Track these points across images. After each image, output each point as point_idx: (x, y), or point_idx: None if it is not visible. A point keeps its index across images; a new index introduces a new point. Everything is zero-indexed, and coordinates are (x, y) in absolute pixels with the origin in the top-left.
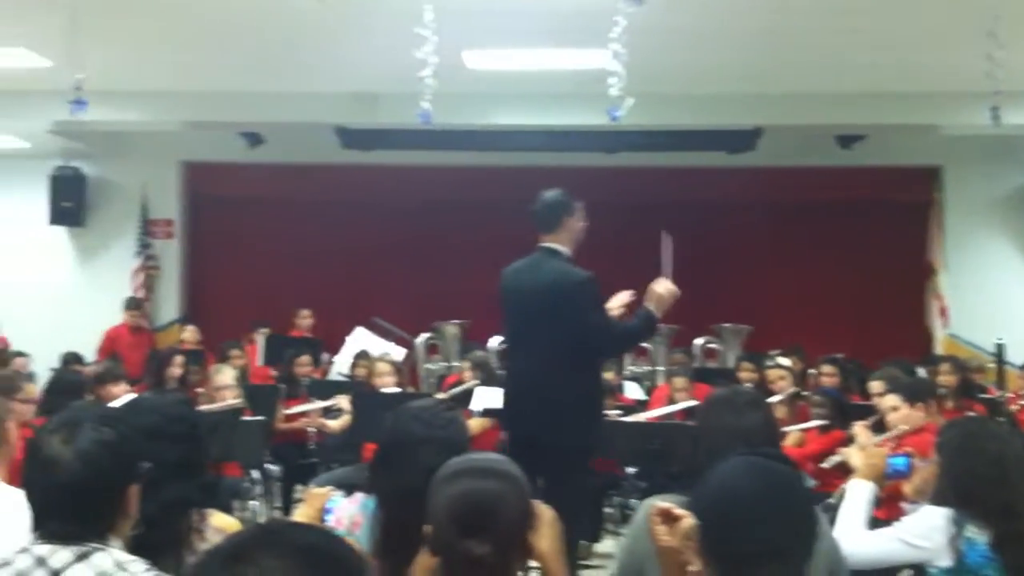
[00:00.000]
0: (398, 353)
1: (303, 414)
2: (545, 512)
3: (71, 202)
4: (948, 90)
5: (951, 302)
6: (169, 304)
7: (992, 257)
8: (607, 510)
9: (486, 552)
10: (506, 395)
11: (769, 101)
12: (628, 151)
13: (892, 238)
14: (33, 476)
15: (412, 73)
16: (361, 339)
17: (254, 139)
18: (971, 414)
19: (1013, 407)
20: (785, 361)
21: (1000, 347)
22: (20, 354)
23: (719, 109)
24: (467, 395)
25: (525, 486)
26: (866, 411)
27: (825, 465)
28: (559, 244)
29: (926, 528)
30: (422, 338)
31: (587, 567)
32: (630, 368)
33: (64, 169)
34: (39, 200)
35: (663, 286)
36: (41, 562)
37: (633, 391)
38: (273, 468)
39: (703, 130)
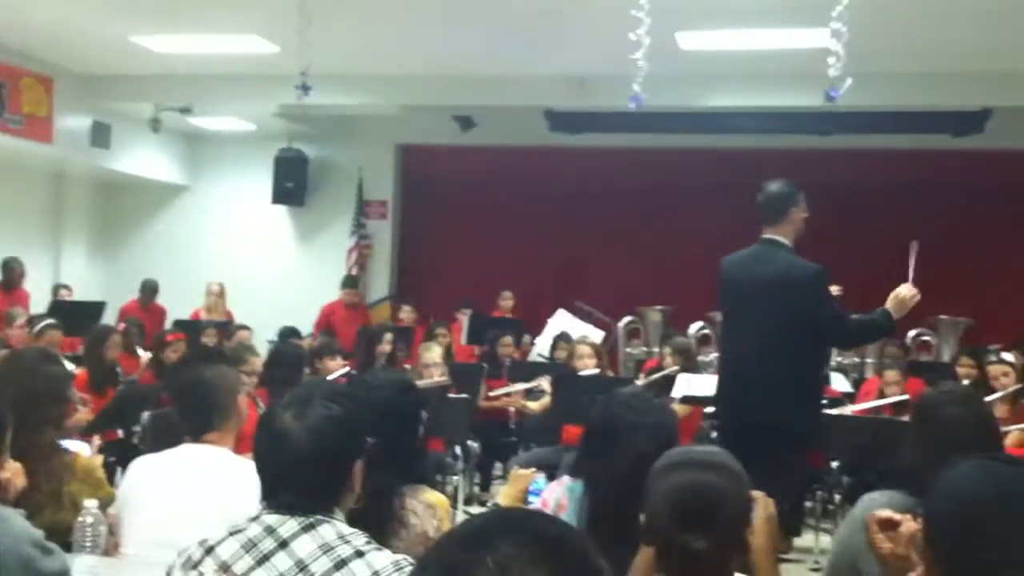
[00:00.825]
0: (598, 336)
1: (506, 394)
2: (766, 506)
3: (293, 182)
4: None
5: None
6: (381, 282)
7: None
8: (807, 504)
9: (704, 547)
10: (723, 382)
11: (998, 80)
12: (844, 133)
13: None
14: (264, 449)
15: (622, 56)
16: (563, 321)
17: (466, 122)
18: None
19: None
20: (1009, 356)
21: None
22: (243, 327)
23: (944, 89)
24: (668, 381)
25: (745, 481)
26: None
27: None
28: (782, 236)
29: None
30: (623, 322)
31: (786, 560)
32: (837, 359)
33: (287, 151)
34: (264, 180)
35: (907, 290)
36: (270, 531)
37: (840, 383)
38: (474, 445)
39: (926, 111)
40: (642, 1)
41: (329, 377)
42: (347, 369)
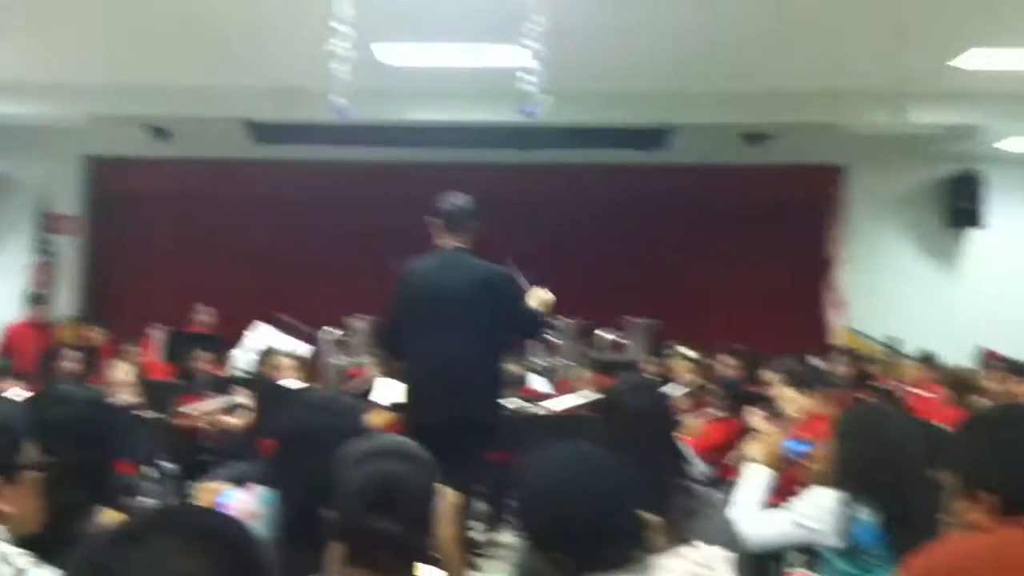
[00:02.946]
0: (301, 348)
1: (203, 411)
2: (449, 496)
3: None
4: (853, 89)
5: (850, 296)
6: (67, 300)
7: (891, 253)
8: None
9: (393, 531)
10: (420, 385)
11: (680, 99)
12: (542, 148)
13: (795, 234)
14: None
15: (325, 67)
16: (263, 335)
17: (160, 133)
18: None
19: (907, 398)
20: (688, 352)
21: (895, 341)
22: None
23: (631, 107)
24: (367, 389)
25: (431, 467)
26: (764, 400)
27: (728, 461)
28: (466, 244)
29: (819, 510)
30: (327, 333)
31: (487, 557)
32: (535, 361)
33: None
34: None
35: (544, 293)
36: None
37: (539, 383)
38: (170, 465)
39: (615, 128)
40: (340, 12)
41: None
42: (27, 394)
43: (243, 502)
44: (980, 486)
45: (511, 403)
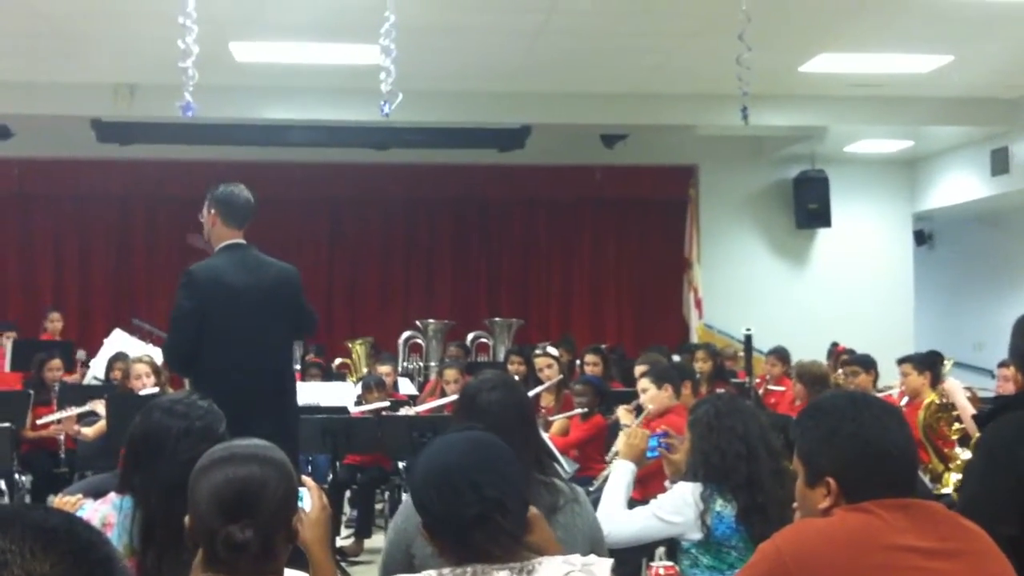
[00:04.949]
0: (157, 354)
1: (56, 421)
2: (320, 497)
3: None
4: (703, 92)
5: (705, 293)
6: None
7: (743, 251)
8: (377, 506)
9: (249, 537)
10: (227, 399)
11: (536, 100)
12: (400, 148)
13: (653, 233)
14: None
15: (174, 64)
16: (120, 341)
17: (1, 132)
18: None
19: (760, 390)
20: (552, 350)
21: (748, 336)
22: None
23: (488, 107)
24: None
25: (289, 470)
26: (627, 396)
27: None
28: (243, 240)
29: (678, 503)
30: None
31: (358, 563)
32: (404, 364)
33: None
34: None
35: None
36: None
37: (405, 386)
38: (23, 478)
39: (473, 128)
40: (189, 9)
41: None
42: None
43: (98, 511)
44: (822, 474)
45: (377, 405)
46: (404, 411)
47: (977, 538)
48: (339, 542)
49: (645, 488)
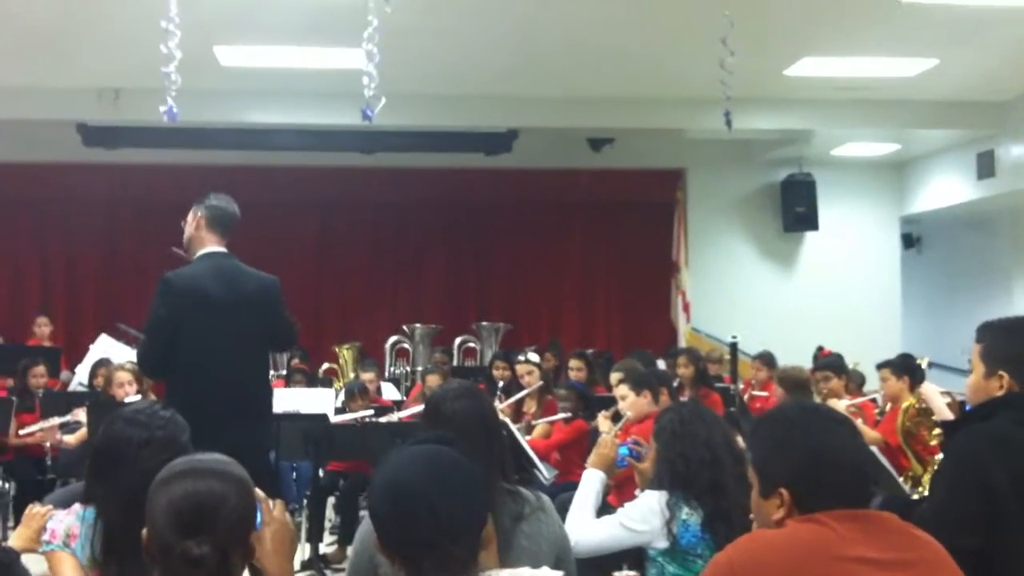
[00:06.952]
0: None
1: (40, 429)
2: (280, 508)
3: None
4: (690, 96)
5: (693, 297)
6: None
7: (730, 255)
8: (360, 512)
9: (205, 552)
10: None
11: (524, 104)
12: (386, 152)
13: (641, 237)
14: None
15: (159, 68)
16: (106, 347)
17: None
18: (685, 399)
19: (745, 395)
20: (534, 357)
21: (734, 340)
22: None
23: (474, 111)
24: None
25: (248, 484)
26: (611, 402)
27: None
28: (226, 249)
29: (644, 512)
30: None
31: (341, 570)
32: (391, 369)
33: None
34: None
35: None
36: None
37: (391, 392)
38: (6, 485)
39: (460, 131)
40: (172, 13)
41: None
42: None
43: (63, 522)
44: (775, 484)
45: (361, 414)
46: (386, 417)
47: (930, 548)
48: (322, 549)
49: (622, 494)
